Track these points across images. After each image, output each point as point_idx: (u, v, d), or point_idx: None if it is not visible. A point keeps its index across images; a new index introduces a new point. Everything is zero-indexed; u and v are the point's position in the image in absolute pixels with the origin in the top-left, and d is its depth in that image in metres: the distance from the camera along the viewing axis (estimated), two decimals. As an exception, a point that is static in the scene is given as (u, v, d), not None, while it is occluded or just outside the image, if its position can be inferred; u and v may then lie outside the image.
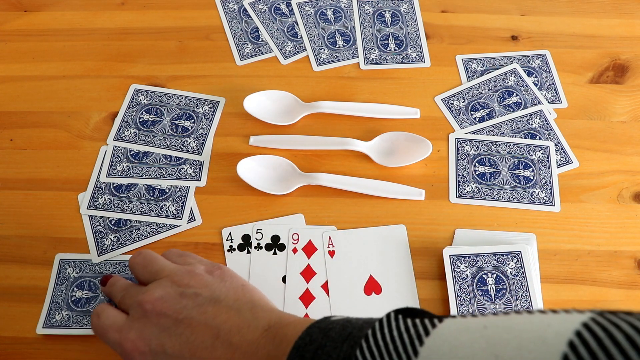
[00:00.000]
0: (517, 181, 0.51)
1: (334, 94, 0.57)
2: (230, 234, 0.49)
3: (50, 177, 0.53)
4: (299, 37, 0.61)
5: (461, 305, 0.45)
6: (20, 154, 0.54)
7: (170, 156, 0.53)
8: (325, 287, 0.47)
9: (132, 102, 0.57)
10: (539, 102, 0.56)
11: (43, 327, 0.45)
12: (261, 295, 0.40)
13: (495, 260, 0.47)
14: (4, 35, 0.62)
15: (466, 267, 0.46)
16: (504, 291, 0.45)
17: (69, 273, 0.48)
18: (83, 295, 0.47)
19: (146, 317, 0.37)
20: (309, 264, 0.48)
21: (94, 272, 0.48)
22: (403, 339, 0.28)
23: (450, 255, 0.47)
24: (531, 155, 0.52)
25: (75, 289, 0.47)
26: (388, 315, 0.31)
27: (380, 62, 0.59)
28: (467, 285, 0.46)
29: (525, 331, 0.25)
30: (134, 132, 0.55)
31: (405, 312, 0.32)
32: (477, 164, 0.52)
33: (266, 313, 0.37)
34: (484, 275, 0.46)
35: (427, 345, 0.27)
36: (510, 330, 0.25)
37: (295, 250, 0.48)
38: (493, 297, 0.45)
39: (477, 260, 0.46)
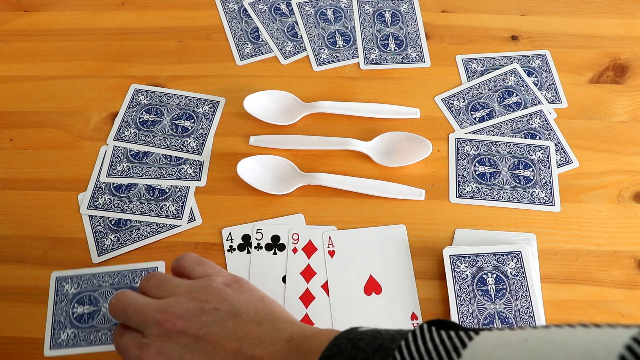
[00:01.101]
0: (517, 181, 0.51)
1: (334, 94, 0.57)
2: (230, 234, 0.49)
3: (50, 177, 0.53)
4: (299, 37, 0.61)
5: (461, 305, 0.45)
6: (20, 154, 0.54)
7: (170, 156, 0.53)
8: (325, 287, 0.47)
9: (132, 102, 0.57)
10: (539, 102, 0.56)
11: (50, 349, 0.45)
12: (281, 307, 0.40)
13: (495, 260, 0.47)
14: (4, 35, 0.62)
15: (466, 267, 0.46)
16: (504, 291, 0.45)
17: (67, 290, 0.47)
18: (85, 311, 0.46)
19: (167, 335, 0.36)
20: (309, 264, 0.48)
21: (92, 285, 0.47)
22: (439, 351, 0.28)
23: (450, 255, 0.47)
24: (531, 155, 0.52)
25: (75, 305, 0.47)
26: (421, 327, 0.30)
27: (380, 62, 0.59)
28: (467, 285, 0.46)
29: (571, 345, 0.24)
30: (134, 132, 0.55)
31: (437, 324, 0.31)
32: (477, 164, 0.52)
33: (287, 324, 0.37)
34: (484, 275, 0.46)
35: (465, 358, 0.26)
36: (554, 344, 0.24)
37: (295, 250, 0.48)
38: (493, 297, 0.45)
39: (477, 260, 0.46)
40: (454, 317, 0.45)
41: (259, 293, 0.40)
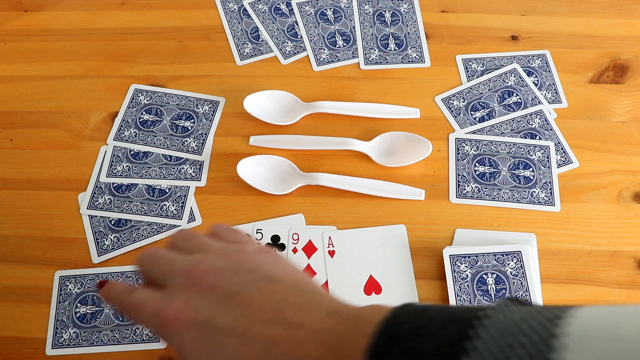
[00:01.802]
0: (517, 181, 0.51)
1: (334, 94, 0.57)
2: (230, 234, 0.49)
3: (50, 177, 0.53)
4: (299, 37, 0.61)
5: (461, 305, 0.45)
6: (20, 154, 0.54)
7: (170, 156, 0.53)
8: (325, 287, 0.47)
9: (132, 102, 0.57)
10: (539, 102, 0.56)
11: (52, 348, 0.45)
12: (318, 284, 0.36)
13: (495, 260, 0.47)
14: (4, 35, 0.62)
15: (466, 267, 0.46)
16: (504, 291, 0.45)
17: (70, 289, 0.47)
18: (88, 311, 0.47)
19: (195, 287, 0.32)
20: (309, 264, 0.48)
21: (95, 286, 0.47)
22: (536, 318, 0.24)
23: (450, 255, 0.47)
24: (531, 155, 0.52)
25: (78, 305, 0.47)
26: (503, 300, 0.27)
27: (380, 62, 0.59)
28: (467, 285, 0.46)
29: None
30: (134, 132, 0.55)
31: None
32: (477, 164, 0.52)
33: (328, 298, 0.33)
34: (484, 275, 0.46)
35: (577, 320, 0.23)
36: None
37: (295, 250, 0.48)
38: (493, 297, 0.45)
39: (477, 260, 0.46)
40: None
41: (295, 265, 0.37)
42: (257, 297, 0.31)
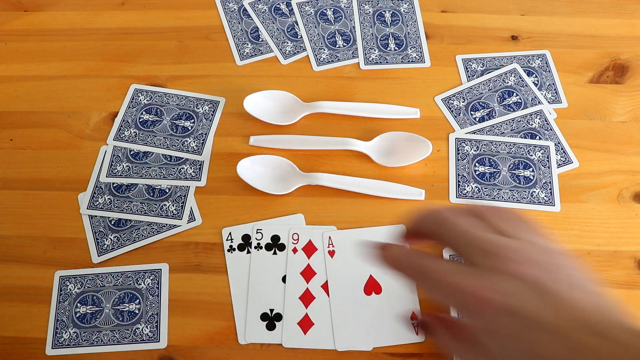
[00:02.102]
0: (517, 181, 0.51)
1: (334, 94, 0.57)
2: (230, 234, 0.49)
3: (50, 177, 0.53)
4: (299, 37, 0.61)
5: None
6: (20, 154, 0.54)
7: (170, 156, 0.53)
8: (325, 287, 0.47)
9: (132, 102, 0.57)
10: (539, 102, 0.56)
11: (52, 348, 0.45)
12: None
13: (495, 260, 0.46)
14: (4, 35, 0.62)
15: (466, 267, 0.46)
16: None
17: (70, 289, 0.47)
18: (88, 311, 0.46)
19: (506, 269, 0.30)
20: (309, 264, 0.48)
21: (95, 285, 0.47)
22: None
23: (450, 255, 0.47)
24: (531, 155, 0.52)
25: (78, 305, 0.47)
26: None
27: (380, 62, 0.59)
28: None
29: None
30: (134, 132, 0.55)
31: None
32: (477, 164, 0.52)
33: (627, 316, 0.30)
34: (484, 275, 0.46)
35: None
36: None
37: (295, 250, 0.48)
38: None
39: (477, 260, 0.46)
40: (454, 313, 0.45)
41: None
42: (571, 300, 0.29)
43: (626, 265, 0.48)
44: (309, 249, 0.48)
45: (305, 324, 0.46)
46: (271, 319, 0.46)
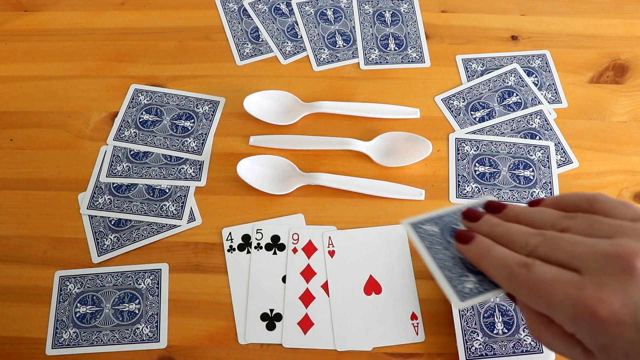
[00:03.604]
0: (517, 181, 0.51)
1: (334, 94, 0.57)
2: (230, 234, 0.49)
3: (50, 177, 0.53)
4: (299, 37, 0.61)
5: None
6: (20, 154, 0.54)
7: (170, 156, 0.53)
8: (325, 287, 0.47)
9: (132, 102, 0.57)
10: (539, 102, 0.56)
11: (52, 348, 0.45)
12: None
13: (495, 260, 0.46)
14: (4, 35, 0.62)
15: (466, 267, 0.46)
16: (504, 291, 0.45)
17: (70, 289, 0.47)
18: (88, 311, 0.47)
19: (631, 276, 0.26)
20: (309, 264, 0.48)
21: (95, 285, 0.47)
22: None
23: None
24: (531, 155, 0.52)
25: (78, 305, 0.47)
26: None
27: (380, 62, 0.59)
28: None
29: None
30: (134, 132, 0.55)
31: None
32: (477, 164, 0.52)
33: None
34: (484, 275, 0.46)
35: None
36: None
37: (295, 250, 0.48)
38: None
39: (477, 260, 0.46)
40: (455, 312, 0.45)
41: None
42: None
43: (626, 265, 0.48)
44: (309, 249, 0.48)
45: (305, 324, 0.46)
46: (271, 319, 0.46)
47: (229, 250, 0.49)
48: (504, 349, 0.44)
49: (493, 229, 0.33)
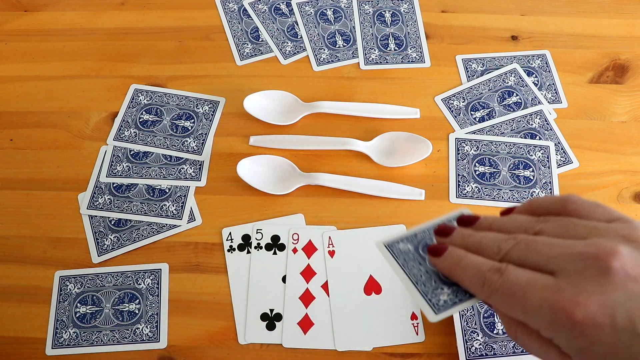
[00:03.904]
0: (517, 181, 0.51)
1: (334, 94, 0.57)
2: (230, 234, 0.49)
3: (50, 177, 0.53)
4: (299, 37, 0.61)
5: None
6: (20, 154, 0.54)
7: (170, 156, 0.53)
8: (325, 287, 0.47)
9: (132, 102, 0.57)
10: (539, 102, 0.56)
11: (52, 348, 0.45)
12: None
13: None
14: (4, 35, 0.62)
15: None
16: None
17: (70, 289, 0.47)
18: (88, 311, 0.46)
19: (608, 277, 0.26)
20: (309, 264, 0.48)
21: (95, 285, 0.47)
22: None
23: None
24: (531, 155, 0.52)
25: (78, 305, 0.47)
26: None
27: (380, 62, 0.59)
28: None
29: None
30: (134, 132, 0.55)
31: None
32: (477, 164, 0.52)
33: None
34: (484, 275, 0.46)
35: None
36: None
37: (295, 250, 0.48)
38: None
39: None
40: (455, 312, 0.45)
41: None
42: None
43: (626, 265, 0.48)
44: (309, 249, 0.48)
45: (305, 324, 0.46)
46: (271, 319, 0.46)
47: (229, 250, 0.49)
48: (504, 349, 0.44)
49: (465, 239, 0.33)
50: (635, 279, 0.26)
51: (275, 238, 0.49)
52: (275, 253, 0.48)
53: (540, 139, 0.53)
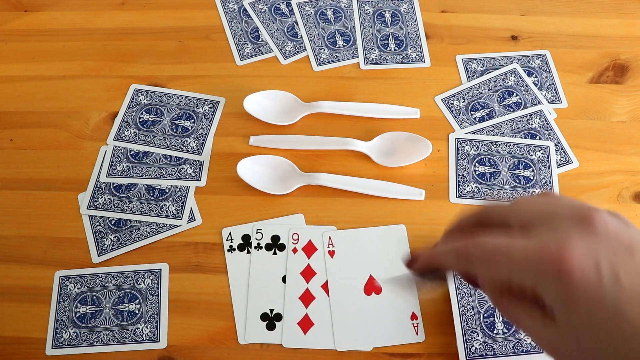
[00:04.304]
0: (517, 181, 0.51)
1: (334, 94, 0.57)
2: (230, 234, 0.49)
3: (50, 177, 0.53)
4: (299, 37, 0.61)
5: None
6: (20, 154, 0.54)
7: (170, 156, 0.53)
8: (325, 287, 0.47)
9: (132, 102, 0.57)
10: (539, 102, 0.56)
11: (52, 348, 0.45)
12: None
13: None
14: (4, 35, 0.62)
15: (466, 267, 0.46)
16: (504, 291, 0.45)
17: (70, 289, 0.47)
18: (88, 311, 0.46)
19: (591, 228, 0.26)
20: (309, 264, 0.48)
21: (95, 285, 0.47)
22: None
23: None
24: (531, 155, 0.52)
25: (78, 305, 0.47)
26: None
27: (380, 62, 0.59)
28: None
29: None
30: (134, 132, 0.55)
31: None
32: (477, 164, 0.52)
33: None
34: (484, 275, 0.46)
35: None
36: None
37: (295, 250, 0.48)
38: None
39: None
40: (455, 310, 0.45)
41: None
42: None
43: (626, 265, 0.48)
44: (309, 249, 0.48)
45: (305, 324, 0.46)
46: (271, 319, 0.46)
47: (229, 250, 0.49)
48: (504, 349, 0.44)
49: (430, 256, 0.34)
50: (616, 236, 0.26)
51: (275, 238, 0.49)
52: (275, 253, 0.48)
53: (540, 139, 0.53)
